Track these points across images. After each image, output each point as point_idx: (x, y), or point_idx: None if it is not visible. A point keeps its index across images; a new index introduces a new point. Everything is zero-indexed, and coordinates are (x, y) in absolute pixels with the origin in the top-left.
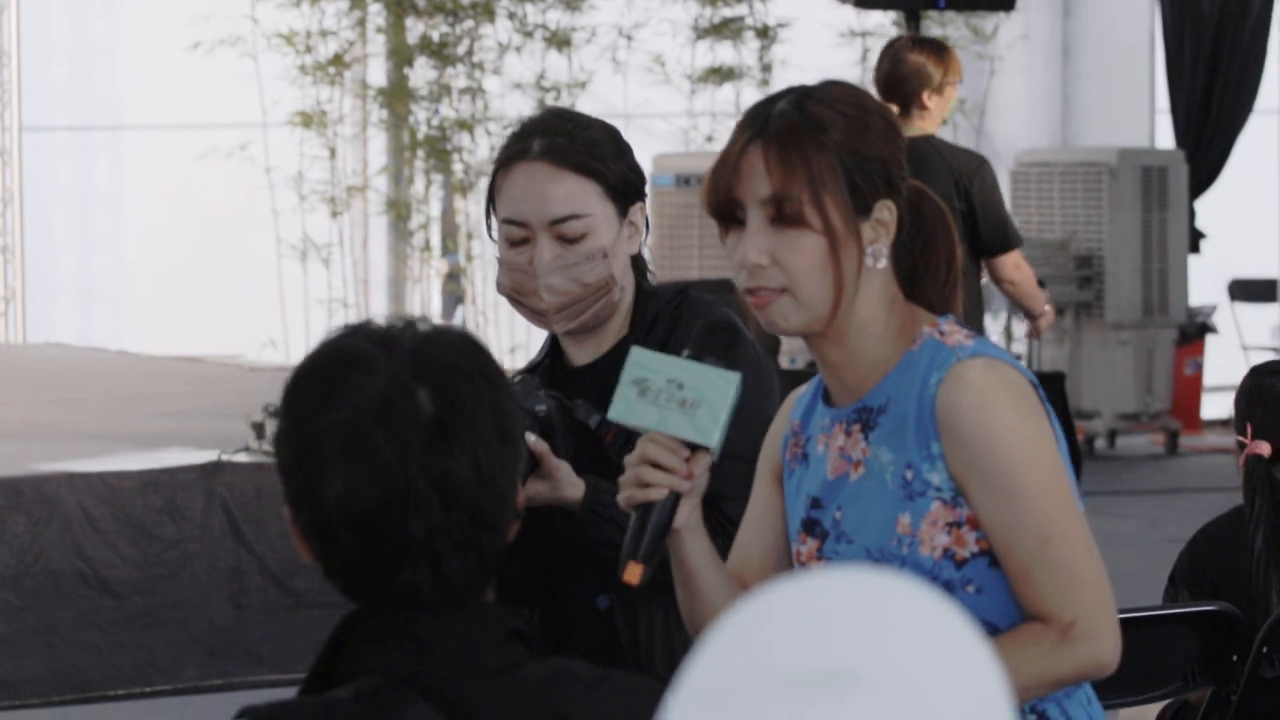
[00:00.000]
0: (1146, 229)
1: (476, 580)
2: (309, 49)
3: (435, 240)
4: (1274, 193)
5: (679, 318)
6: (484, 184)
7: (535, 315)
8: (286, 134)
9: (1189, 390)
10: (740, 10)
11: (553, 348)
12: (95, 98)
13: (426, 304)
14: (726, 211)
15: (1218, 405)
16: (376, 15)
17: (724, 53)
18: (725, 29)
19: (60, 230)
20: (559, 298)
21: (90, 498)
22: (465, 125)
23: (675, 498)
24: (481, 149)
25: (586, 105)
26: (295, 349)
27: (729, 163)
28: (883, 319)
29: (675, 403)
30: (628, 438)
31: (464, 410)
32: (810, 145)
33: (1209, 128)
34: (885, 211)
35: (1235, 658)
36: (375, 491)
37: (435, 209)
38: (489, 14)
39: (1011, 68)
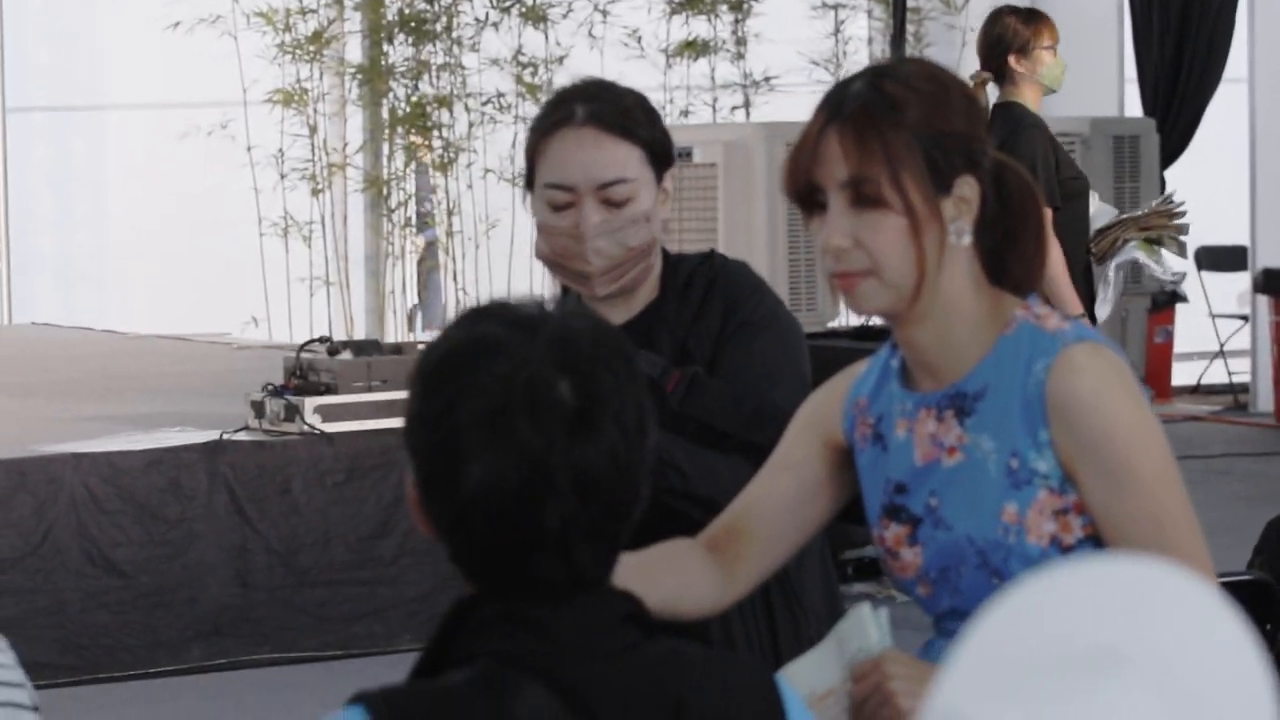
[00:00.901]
0: (1119, 198)
1: (605, 570)
2: (288, 27)
3: (415, 220)
4: (1243, 161)
5: (713, 279)
6: (465, 159)
7: (578, 279)
8: (266, 112)
9: (1160, 358)
10: None
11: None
12: (75, 78)
13: (407, 280)
14: (807, 196)
15: (1187, 373)
16: None
17: (698, 26)
18: (699, 2)
19: (42, 210)
20: (605, 261)
21: (95, 478)
22: (444, 101)
23: None
24: (460, 125)
25: (564, 80)
26: (278, 327)
27: (806, 147)
28: (970, 300)
29: None
30: (689, 387)
31: (604, 401)
32: (886, 125)
33: (1177, 97)
34: (967, 188)
35: (1269, 626)
36: (515, 480)
37: (413, 185)
38: None
39: None
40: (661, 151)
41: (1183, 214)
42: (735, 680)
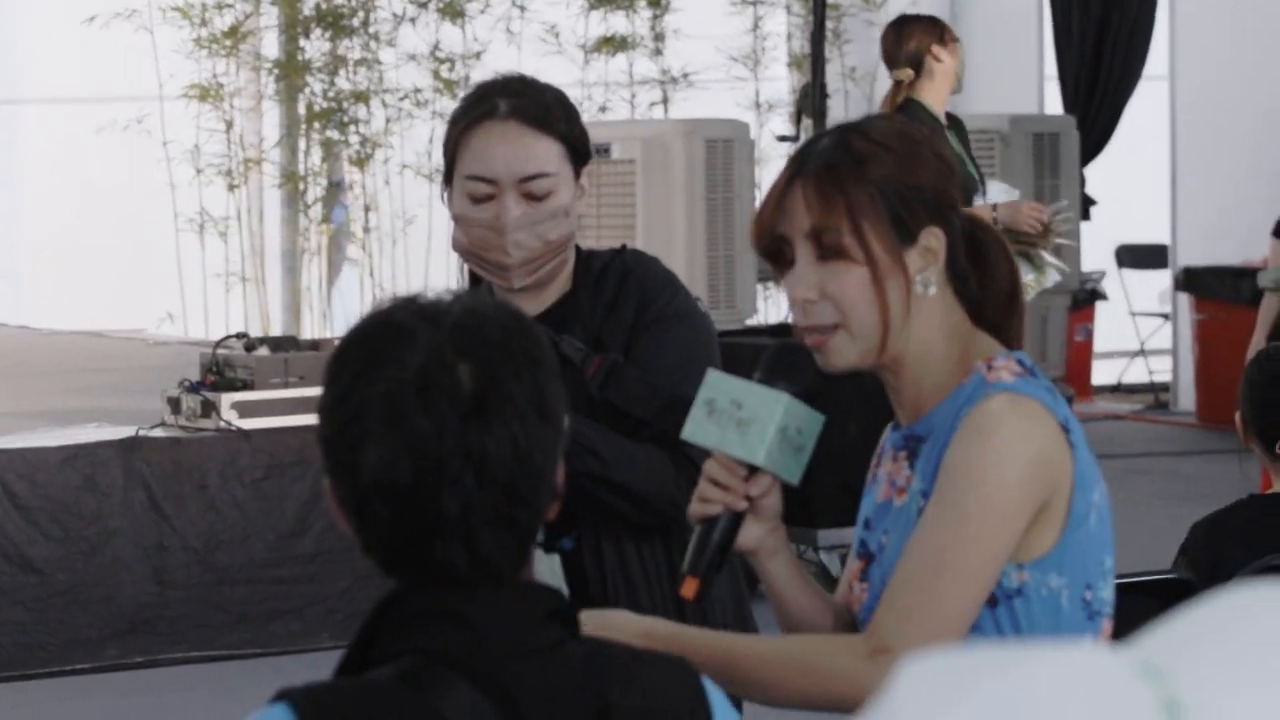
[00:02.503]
0: (1038, 196)
1: (512, 558)
2: (204, 21)
3: (335, 217)
4: (1163, 159)
5: (626, 273)
6: (382, 155)
7: (496, 270)
8: (183, 107)
9: (1080, 357)
10: None
11: None
12: None
13: (323, 276)
14: (775, 250)
15: (1106, 372)
16: None
17: (617, 22)
18: None
19: None
20: (524, 253)
21: (10, 474)
22: (361, 97)
23: (736, 518)
24: (377, 120)
25: (481, 76)
26: (194, 323)
27: (772, 201)
28: (941, 348)
29: (733, 422)
30: (608, 373)
31: (504, 387)
32: (849, 178)
33: (1098, 94)
34: (933, 239)
35: None
36: (410, 466)
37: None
38: None
39: None
40: (581, 148)
41: (1063, 231)
42: (661, 680)
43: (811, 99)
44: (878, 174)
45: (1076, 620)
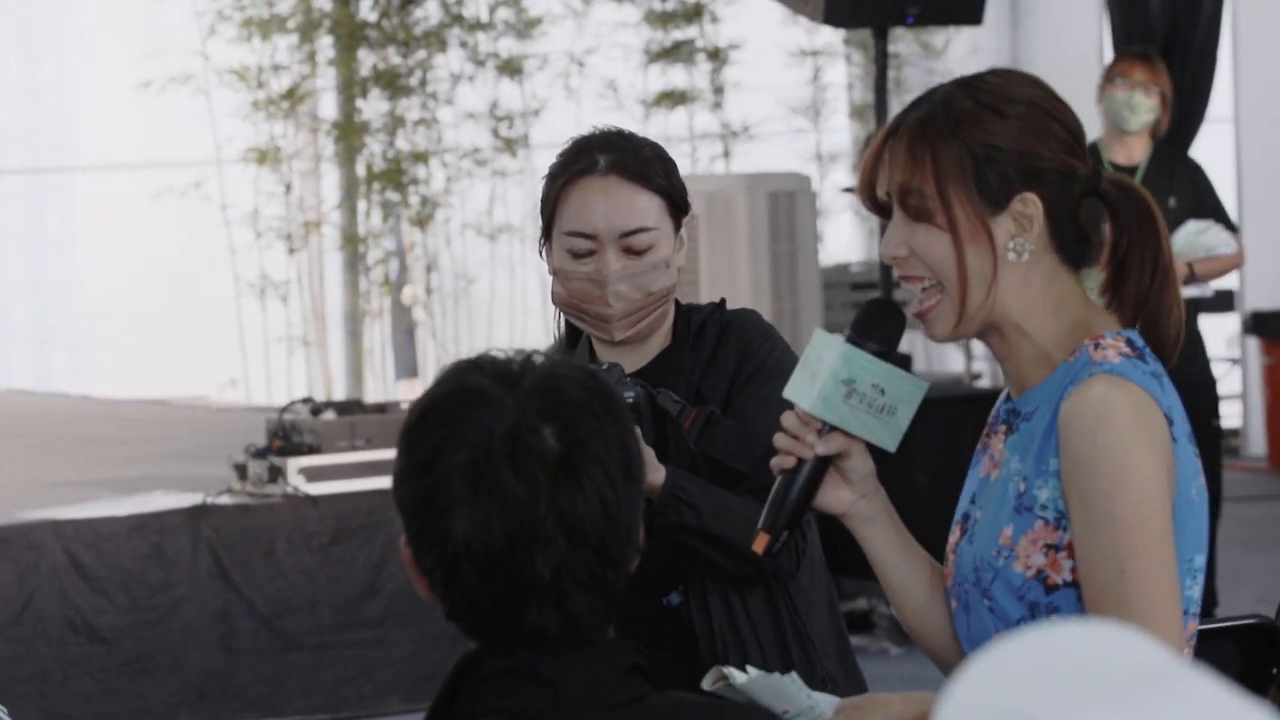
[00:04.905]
0: None
1: (601, 618)
2: (261, 84)
3: (394, 274)
4: (1229, 201)
5: (726, 327)
6: (441, 215)
7: (597, 322)
8: (241, 171)
9: None
10: (691, 33)
11: (589, 358)
12: (45, 139)
13: (384, 339)
14: (874, 203)
15: None
16: (327, 48)
17: (676, 76)
18: (677, 52)
19: (13, 274)
20: (626, 304)
21: (77, 544)
22: (420, 157)
23: (813, 478)
24: (437, 180)
25: (540, 133)
26: (256, 388)
27: (870, 156)
28: (1044, 316)
29: (810, 375)
30: (704, 425)
31: (590, 447)
32: (939, 138)
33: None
34: (1029, 206)
35: (1276, 670)
36: (503, 530)
37: (393, 243)
38: (441, 44)
39: None
40: (680, 200)
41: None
42: None
43: None
44: (972, 135)
45: None
